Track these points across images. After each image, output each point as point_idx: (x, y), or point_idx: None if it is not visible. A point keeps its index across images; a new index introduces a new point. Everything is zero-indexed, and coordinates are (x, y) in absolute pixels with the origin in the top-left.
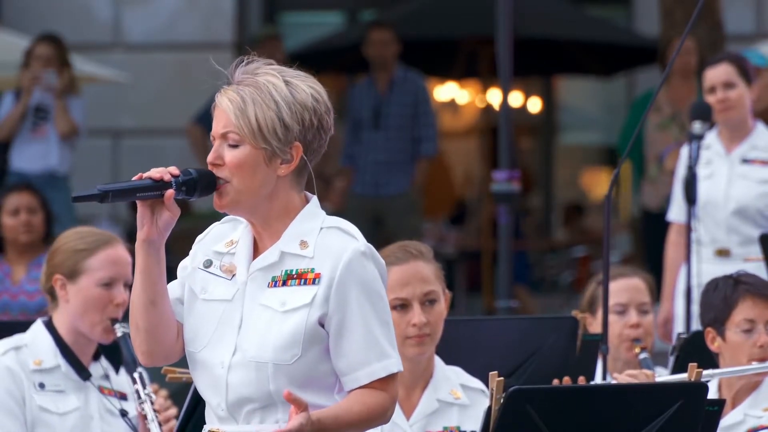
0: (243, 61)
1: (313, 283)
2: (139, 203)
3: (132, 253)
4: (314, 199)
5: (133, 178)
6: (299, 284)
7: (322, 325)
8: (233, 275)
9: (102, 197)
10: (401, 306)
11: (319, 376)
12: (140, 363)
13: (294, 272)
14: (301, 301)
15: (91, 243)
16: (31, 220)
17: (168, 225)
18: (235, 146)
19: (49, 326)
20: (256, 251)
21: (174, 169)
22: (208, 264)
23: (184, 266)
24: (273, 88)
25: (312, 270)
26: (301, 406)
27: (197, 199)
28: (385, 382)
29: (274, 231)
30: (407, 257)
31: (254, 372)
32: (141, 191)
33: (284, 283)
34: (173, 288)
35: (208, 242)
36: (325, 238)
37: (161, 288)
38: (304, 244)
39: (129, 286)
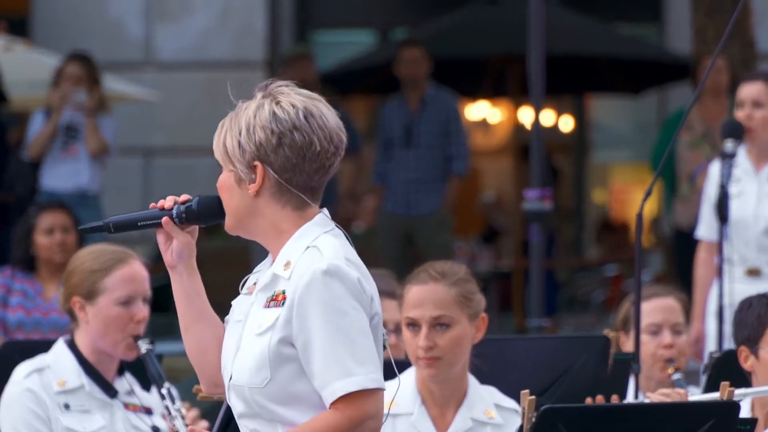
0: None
1: (281, 305)
2: (157, 231)
3: (149, 268)
4: (317, 217)
5: (150, 206)
6: (272, 306)
7: (293, 345)
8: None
9: (108, 228)
10: (412, 326)
11: (300, 395)
12: (166, 378)
13: (275, 294)
14: (267, 324)
15: (105, 262)
16: (65, 239)
17: (180, 252)
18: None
19: (72, 346)
20: None
21: (183, 197)
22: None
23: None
24: (244, 111)
25: (283, 292)
26: None
27: (207, 225)
28: (347, 401)
29: (275, 251)
30: (426, 279)
31: (239, 394)
32: (143, 220)
33: (268, 305)
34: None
35: (260, 266)
36: (304, 258)
37: (191, 314)
38: (287, 265)
39: (147, 301)
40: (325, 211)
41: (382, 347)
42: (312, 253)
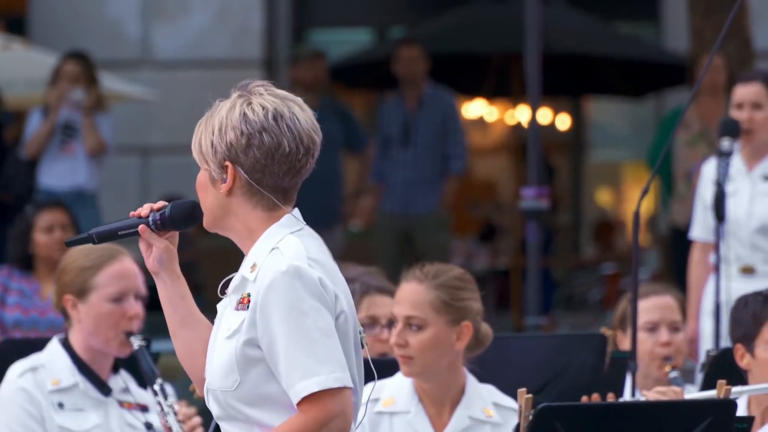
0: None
1: (246, 307)
2: (139, 239)
3: (139, 264)
4: (284, 218)
5: (129, 214)
6: (240, 309)
7: (260, 347)
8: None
9: (92, 239)
10: (395, 321)
11: (271, 396)
12: (159, 374)
13: (242, 297)
14: (234, 327)
15: (96, 260)
16: (64, 237)
17: (160, 258)
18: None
19: (66, 344)
20: None
21: (159, 204)
22: None
23: None
24: (218, 111)
25: (248, 294)
26: None
27: (183, 230)
28: (311, 401)
29: (247, 252)
30: (410, 277)
31: (215, 398)
32: (123, 229)
33: (237, 308)
34: None
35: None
36: (268, 260)
37: (177, 319)
38: (253, 267)
39: (141, 298)
40: (296, 211)
41: (360, 345)
42: (275, 255)
